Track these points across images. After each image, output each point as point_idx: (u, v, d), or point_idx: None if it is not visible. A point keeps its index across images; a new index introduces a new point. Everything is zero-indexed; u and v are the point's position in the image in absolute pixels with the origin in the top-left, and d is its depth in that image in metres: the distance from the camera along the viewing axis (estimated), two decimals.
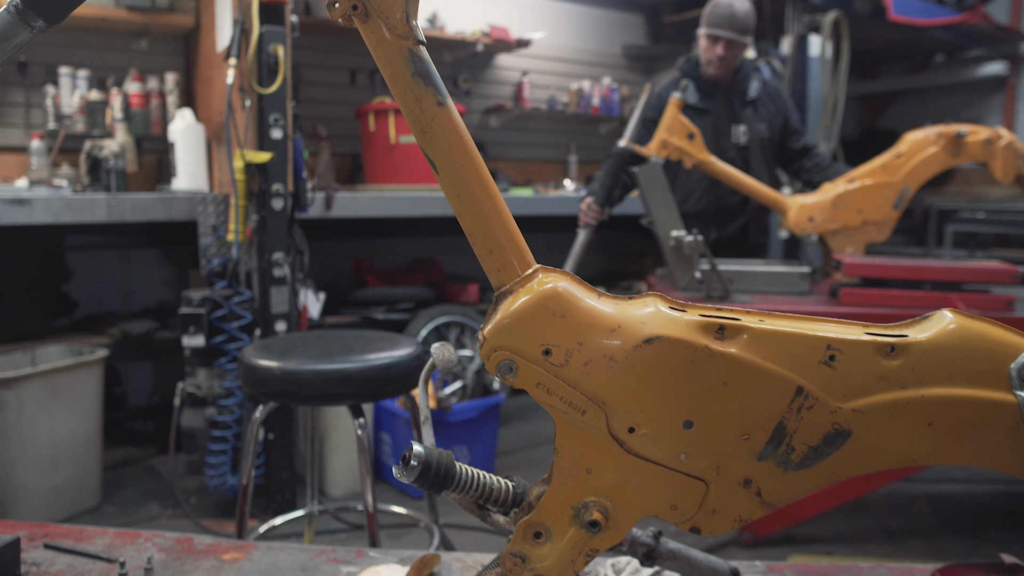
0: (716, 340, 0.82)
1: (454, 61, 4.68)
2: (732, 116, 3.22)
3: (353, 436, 2.98)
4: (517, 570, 0.90)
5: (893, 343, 0.81)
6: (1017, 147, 2.68)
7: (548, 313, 0.84)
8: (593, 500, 0.87)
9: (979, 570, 1.35)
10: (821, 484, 0.83)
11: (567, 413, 0.84)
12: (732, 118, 3.22)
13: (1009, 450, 0.80)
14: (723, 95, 3.22)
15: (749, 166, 3.19)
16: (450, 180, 0.87)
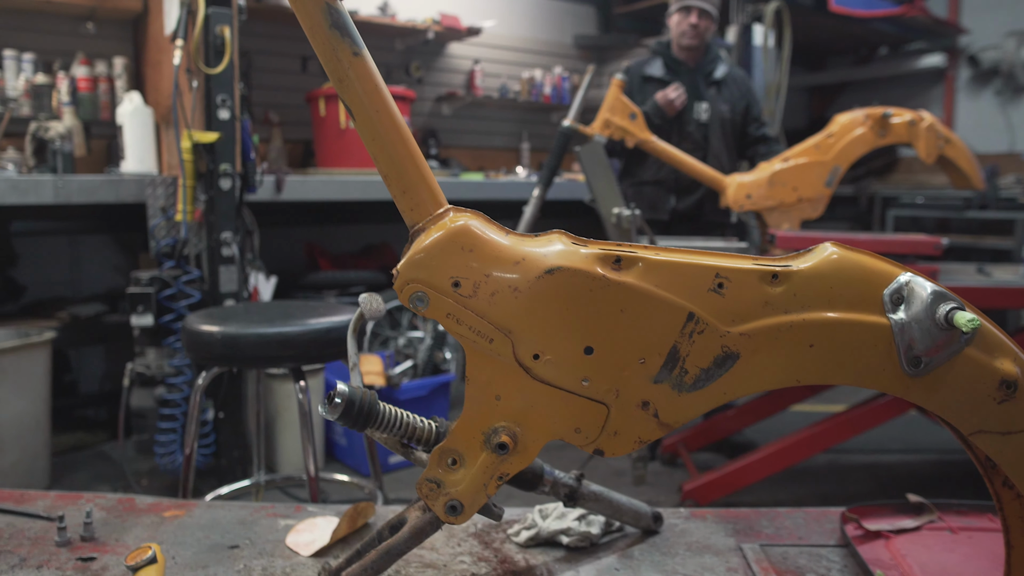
0: (613, 270, 0.88)
1: (406, 49, 4.71)
2: (696, 93, 3.37)
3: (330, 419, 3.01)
4: (433, 495, 0.95)
5: (776, 271, 0.87)
6: (938, 128, 2.80)
7: (457, 248, 0.90)
8: (502, 425, 0.92)
9: (886, 508, 1.43)
10: (713, 404, 0.90)
11: (476, 342, 0.90)
12: (696, 95, 3.37)
13: (883, 369, 0.87)
14: (689, 73, 3.38)
15: (708, 142, 3.36)
16: (366, 125, 0.92)
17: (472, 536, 1.35)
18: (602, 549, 1.30)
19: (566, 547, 1.30)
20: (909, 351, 0.86)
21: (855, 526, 1.36)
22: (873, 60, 7.12)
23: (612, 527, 1.36)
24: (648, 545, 1.31)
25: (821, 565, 1.24)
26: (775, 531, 1.37)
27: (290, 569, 1.21)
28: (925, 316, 0.84)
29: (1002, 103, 6.37)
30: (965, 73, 6.57)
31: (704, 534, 1.36)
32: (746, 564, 1.24)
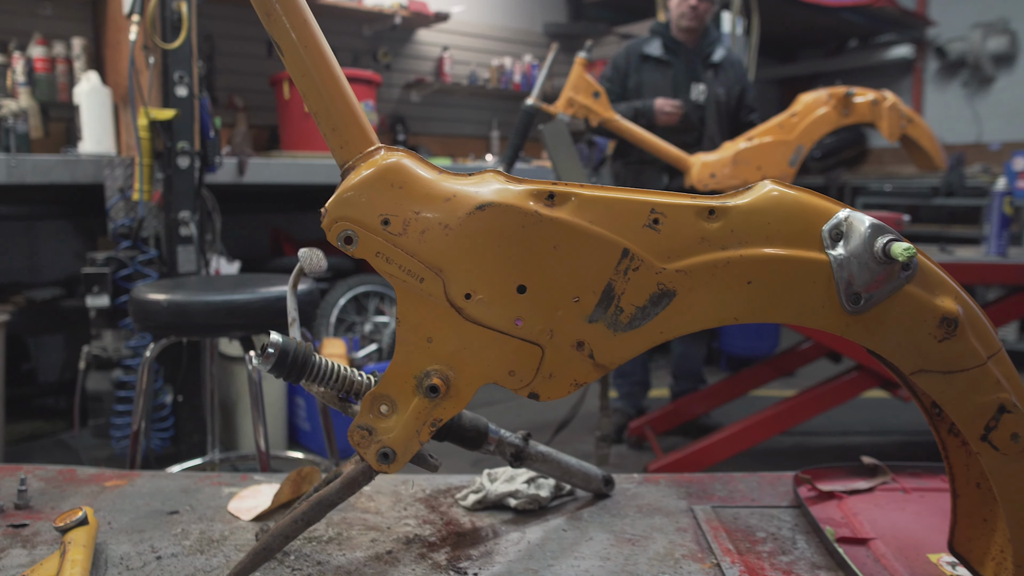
0: (546, 206, 0.85)
1: (373, 35, 4.67)
2: (693, 74, 3.37)
3: (270, 400, 2.96)
4: (365, 443, 0.92)
5: (713, 207, 0.85)
6: (901, 108, 2.80)
7: (387, 185, 0.87)
8: (434, 368, 0.89)
9: (840, 471, 1.42)
10: (650, 344, 0.87)
11: (406, 281, 0.87)
12: (693, 76, 3.37)
13: (822, 307, 0.85)
14: (687, 54, 3.38)
15: (704, 124, 3.35)
16: (294, 61, 0.90)
17: (420, 501, 1.32)
18: (551, 512, 1.27)
19: (514, 510, 1.27)
20: (849, 287, 0.84)
21: (808, 487, 1.35)
22: (843, 52, 7.16)
23: (563, 491, 1.33)
24: (598, 508, 1.29)
25: (772, 524, 1.22)
26: (728, 494, 1.35)
27: (228, 532, 1.18)
28: (863, 250, 0.82)
29: (969, 94, 6.43)
30: (933, 65, 6.63)
31: (656, 497, 1.34)
32: (696, 524, 1.22)
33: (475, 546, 1.14)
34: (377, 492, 1.36)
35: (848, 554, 1.09)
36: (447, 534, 1.18)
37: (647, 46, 3.40)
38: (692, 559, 1.10)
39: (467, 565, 1.08)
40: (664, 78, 3.34)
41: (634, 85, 3.35)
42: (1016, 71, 6.18)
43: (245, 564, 0.94)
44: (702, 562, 1.09)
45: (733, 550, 1.12)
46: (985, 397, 0.87)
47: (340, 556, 1.11)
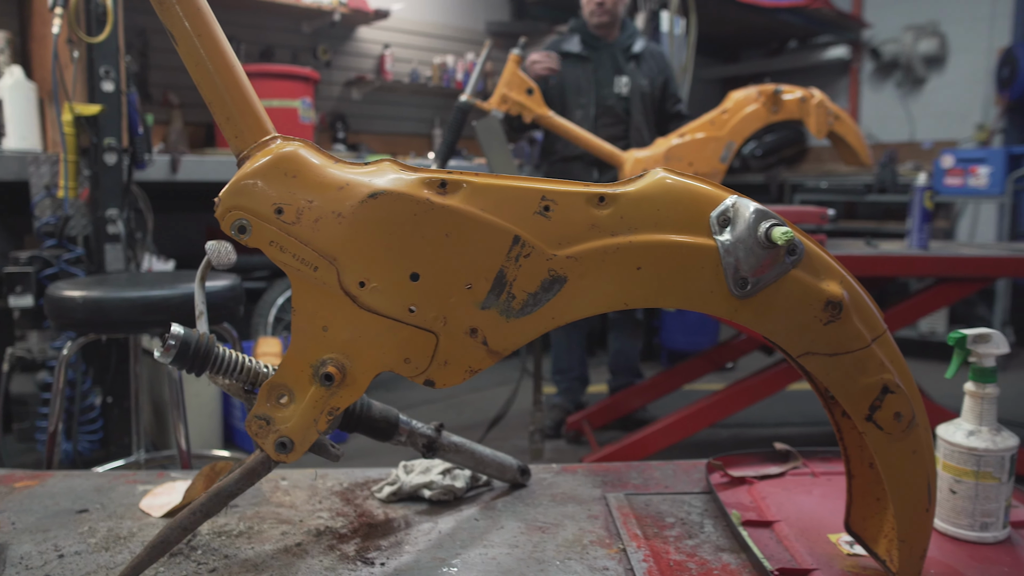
0: (438, 194, 0.86)
1: (313, 32, 4.63)
2: (616, 67, 3.40)
3: (203, 400, 2.92)
4: (263, 433, 0.92)
5: (603, 194, 0.86)
6: (828, 105, 2.87)
7: (280, 173, 0.86)
8: (330, 357, 0.89)
9: (753, 457, 1.45)
10: (542, 330, 0.88)
11: (300, 270, 0.87)
12: (616, 69, 3.40)
13: (710, 291, 0.87)
14: (607, 48, 3.40)
15: (630, 116, 3.38)
16: (187, 50, 0.89)
17: (336, 494, 1.31)
18: (466, 502, 1.28)
19: (429, 501, 1.27)
20: (736, 272, 0.86)
21: (721, 474, 1.37)
22: (783, 52, 7.30)
23: (479, 481, 1.34)
24: (513, 497, 1.30)
25: (682, 510, 1.24)
26: (643, 482, 1.37)
27: (137, 529, 1.16)
28: (748, 235, 0.84)
29: (902, 95, 6.60)
30: (868, 65, 6.79)
31: (571, 486, 1.35)
32: (608, 511, 1.23)
33: (386, 537, 1.14)
34: (294, 487, 1.35)
35: (752, 536, 1.12)
36: (359, 526, 1.18)
37: (566, 43, 3.42)
38: (600, 545, 1.12)
39: (375, 555, 1.08)
40: (585, 73, 3.36)
41: (556, 83, 3.36)
42: (946, 72, 6.36)
43: (142, 558, 0.93)
44: (609, 547, 1.11)
45: (640, 535, 1.13)
46: (869, 378, 0.89)
47: (248, 549, 1.10)
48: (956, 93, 6.32)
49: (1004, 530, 1.13)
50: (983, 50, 6.14)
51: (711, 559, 1.07)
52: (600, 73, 3.38)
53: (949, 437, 1.14)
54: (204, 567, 1.04)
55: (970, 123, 6.22)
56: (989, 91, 6.12)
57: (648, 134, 3.37)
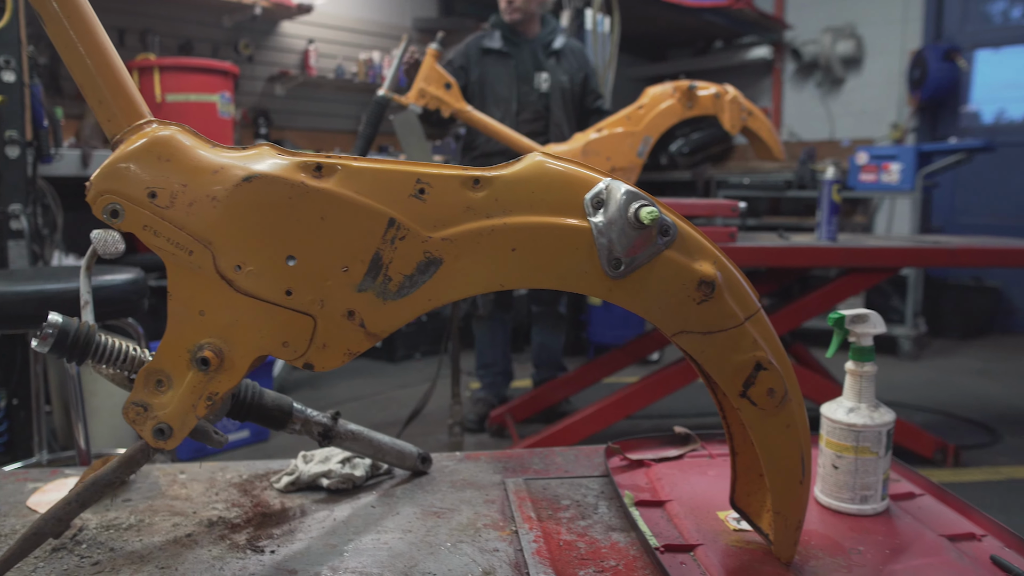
0: (313, 177, 0.86)
1: (234, 26, 4.56)
2: (535, 64, 3.41)
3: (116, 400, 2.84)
4: (140, 419, 0.90)
5: (478, 176, 0.87)
6: (741, 101, 2.94)
7: (153, 157, 0.85)
8: (207, 341, 0.88)
9: (653, 441, 1.48)
10: (419, 311, 0.89)
11: (175, 255, 0.86)
12: (535, 66, 3.40)
13: (584, 272, 0.88)
14: (528, 44, 3.41)
15: (550, 112, 3.39)
16: (57, 32, 0.87)
17: (234, 486, 1.30)
18: (364, 490, 1.28)
19: (327, 490, 1.27)
20: (610, 253, 0.87)
21: (620, 458, 1.39)
22: (709, 52, 7.43)
23: (379, 470, 1.34)
24: (413, 485, 1.30)
25: (579, 493, 1.26)
26: (544, 467, 1.39)
27: (21, 527, 1.13)
28: (619, 216, 0.86)
29: (822, 94, 6.79)
30: (790, 66, 6.97)
31: (472, 472, 1.36)
32: (505, 495, 1.25)
33: (279, 525, 1.14)
34: (192, 479, 1.33)
35: (644, 516, 1.14)
36: (253, 515, 1.17)
37: (487, 39, 3.43)
38: (493, 527, 1.13)
39: (266, 543, 1.07)
40: (506, 69, 3.37)
41: (476, 78, 3.37)
42: (863, 73, 6.57)
43: (14, 550, 0.91)
44: (502, 530, 1.12)
45: (534, 517, 1.15)
46: (743, 356, 0.92)
47: (136, 542, 1.08)
48: (872, 93, 6.53)
49: (883, 502, 1.17)
50: (896, 52, 6.36)
51: (601, 538, 1.09)
52: (520, 69, 3.39)
53: (831, 415, 1.19)
54: (87, 560, 1.02)
55: (885, 122, 6.44)
56: (902, 91, 6.34)
57: (568, 130, 3.39)
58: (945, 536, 1.09)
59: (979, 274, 5.95)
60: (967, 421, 3.62)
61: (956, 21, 6.21)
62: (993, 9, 6.27)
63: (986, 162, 5.79)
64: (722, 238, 2.57)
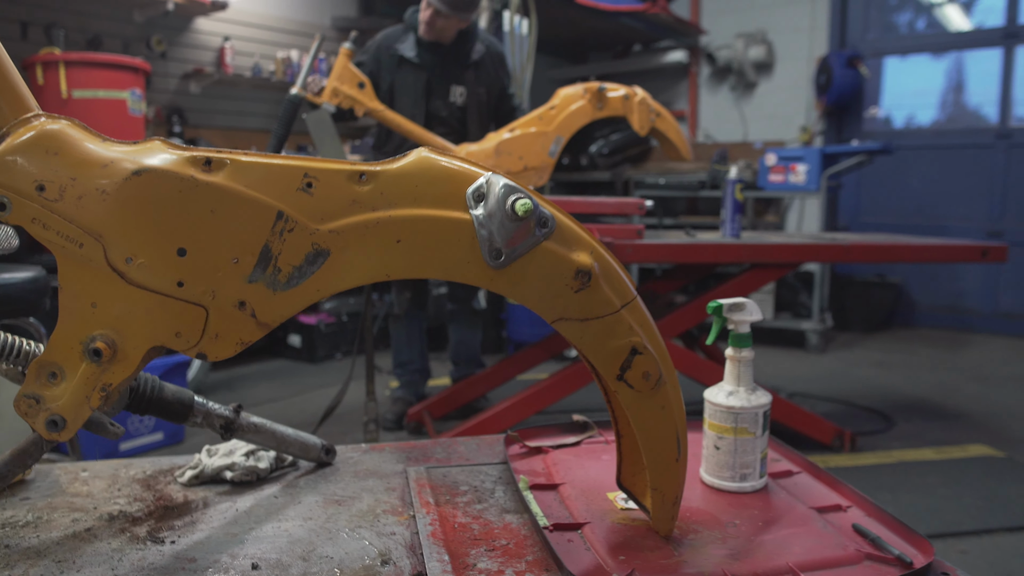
0: (203, 171, 0.88)
1: (145, 21, 4.47)
2: (451, 76, 3.29)
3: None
4: (32, 412, 0.91)
5: (363, 171, 0.91)
6: (650, 103, 3.03)
7: (42, 151, 0.87)
8: (100, 333, 0.90)
9: (552, 429, 1.53)
10: (309, 301, 0.92)
11: (65, 247, 0.87)
12: (452, 78, 3.29)
13: (467, 262, 0.93)
14: (443, 54, 3.27)
15: (465, 125, 3.34)
16: None
17: (137, 481, 1.30)
18: (269, 482, 1.30)
19: (231, 483, 1.29)
20: (490, 244, 0.92)
21: (520, 445, 1.44)
22: (628, 55, 7.59)
23: (284, 462, 1.36)
24: (317, 476, 1.33)
25: (477, 479, 1.31)
26: (446, 456, 1.43)
27: None
28: (498, 209, 0.91)
29: (736, 97, 7.01)
30: (706, 70, 7.18)
31: (376, 463, 1.40)
32: (406, 483, 1.29)
33: (181, 517, 1.15)
34: (95, 477, 1.33)
35: (537, 498, 1.19)
36: (155, 508, 1.19)
37: (402, 45, 3.28)
38: (392, 513, 1.17)
39: (167, 535, 1.09)
40: (419, 81, 3.24)
41: (387, 87, 3.25)
42: (774, 78, 6.81)
43: None
44: (400, 515, 1.16)
45: (432, 503, 1.19)
46: (619, 341, 0.98)
47: (33, 538, 1.08)
48: (783, 97, 6.77)
49: (761, 480, 1.25)
50: (804, 58, 6.61)
51: (495, 520, 1.14)
52: (433, 82, 3.28)
53: (712, 398, 1.26)
54: None
55: (795, 125, 6.68)
56: (811, 96, 6.60)
57: (482, 137, 3.37)
58: (814, 508, 1.17)
59: (882, 271, 6.24)
60: (865, 409, 3.81)
61: (859, 30, 6.50)
62: (897, 19, 6.59)
63: (889, 164, 6.08)
64: (630, 235, 2.65)
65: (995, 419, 3.69)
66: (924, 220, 6.26)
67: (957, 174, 6.16)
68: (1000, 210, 5.98)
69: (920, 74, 6.52)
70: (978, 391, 4.25)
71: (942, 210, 6.21)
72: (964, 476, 2.85)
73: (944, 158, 6.21)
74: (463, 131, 3.35)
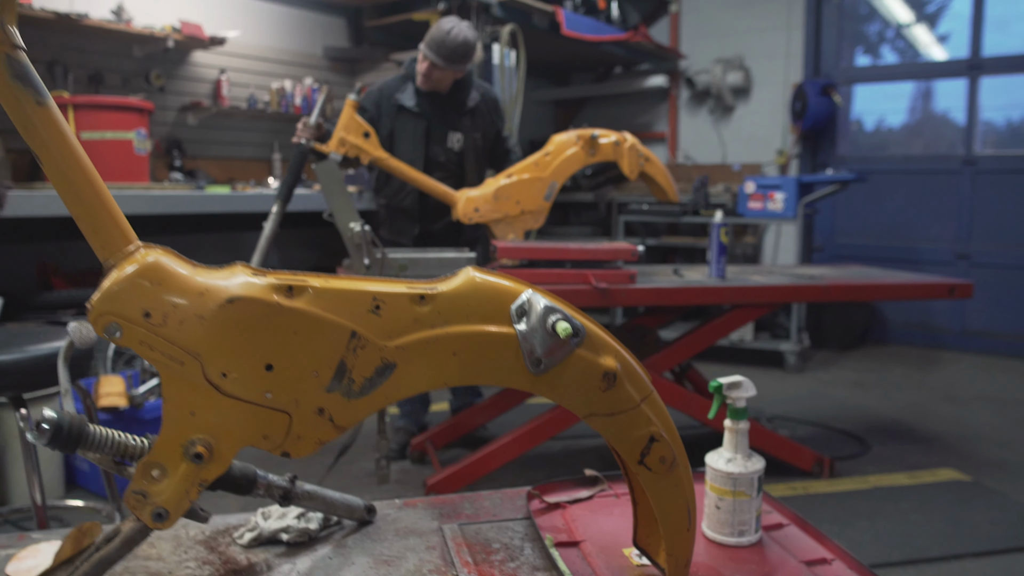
0: (286, 297, 1.03)
1: (145, 56, 4.58)
2: (449, 123, 3.44)
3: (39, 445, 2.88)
4: (140, 505, 1.05)
5: (423, 294, 1.06)
6: (639, 148, 3.20)
7: (147, 282, 1.00)
8: (198, 437, 1.04)
9: (567, 484, 1.69)
10: (379, 406, 1.07)
11: (168, 365, 1.01)
12: (449, 125, 3.44)
13: (512, 371, 1.08)
14: (441, 102, 3.43)
15: (463, 170, 3.48)
16: (53, 171, 1.01)
17: (200, 543, 1.44)
18: (320, 542, 1.44)
19: (286, 543, 1.43)
20: (532, 355, 1.07)
21: (539, 501, 1.60)
22: (609, 78, 7.78)
23: (330, 522, 1.50)
24: (362, 535, 1.47)
25: (506, 536, 1.46)
26: (474, 511, 1.58)
27: None
28: (539, 326, 1.06)
29: (715, 120, 7.21)
30: (685, 93, 7.37)
31: (412, 520, 1.54)
32: (444, 542, 1.43)
33: None
34: (158, 538, 1.46)
35: (562, 555, 1.35)
36: (225, 572, 1.32)
37: (401, 94, 3.41)
38: (437, 573, 1.31)
39: None
40: (418, 128, 3.39)
41: (387, 133, 3.39)
42: (751, 102, 7.02)
43: None
44: (444, 574, 1.31)
45: (471, 561, 1.34)
46: (639, 431, 1.13)
47: None
48: (760, 121, 6.98)
49: (756, 534, 1.41)
50: (780, 84, 6.83)
51: None
52: (432, 130, 3.42)
53: (713, 464, 1.42)
54: None
55: (772, 148, 6.90)
56: (787, 120, 6.82)
57: (479, 181, 3.51)
58: (804, 562, 1.33)
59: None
60: (843, 433, 4.01)
61: (832, 58, 6.74)
62: (869, 48, 6.86)
63: (862, 188, 6.31)
64: (623, 280, 2.82)
65: (964, 441, 3.90)
66: (896, 241, 6.51)
67: (927, 198, 6.42)
68: (967, 232, 6.23)
69: (890, 102, 6.78)
70: (948, 412, 4.47)
71: (913, 232, 6.46)
72: (934, 501, 3.05)
73: (914, 183, 6.47)
74: (461, 175, 3.49)
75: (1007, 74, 6.17)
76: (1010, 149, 6.20)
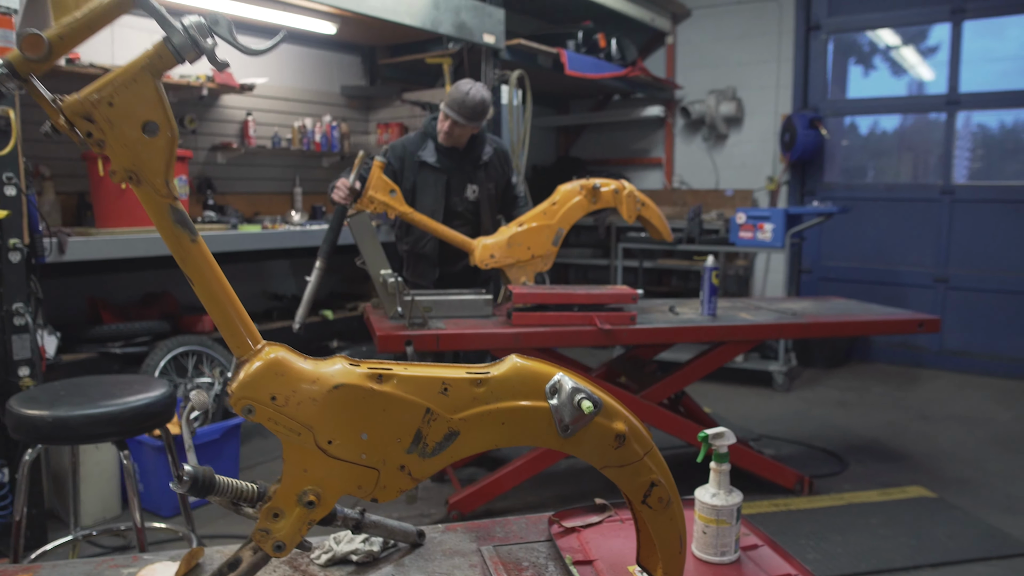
0: (377, 383, 1.37)
1: (179, 102, 4.91)
2: (466, 176, 3.79)
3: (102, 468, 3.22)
4: (264, 539, 1.39)
5: (480, 379, 1.40)
6: (636, 195, 3.56)
7: (272, 373, 1.34)
8: (310, 488, 1.38)
9: (581, 510, 2.03)
10: (446, 464, 1.41)
11: (288, 435, 1.35)
12: (466, 178, 3.79)
13: (546, 435, 1.42)
14: (458, 157, 3.77)
15: (479, 217, 3.82)
16: (203, 290, 1.35)
17: (284, 563, 1.77)
18: (382, 562, 1.77)
19: (355, 563, 1.76)
20: (561, 423, 1.41)
21: (558, 526, 1.93)
22: (607, 106, 8.13)
23: (389, 545, 1.84)
24: (415, 555, 1.80)
25: (533, 555, 1.79)
26: (505, 535, 1.91)
27: None
28: (568, 402, 1.40)
29: (708, 148, 7.57)
30: (680, 122, 7.72)
31: (455, 543, 1.87)
32: (483, 561, 1.77)
33: None
34: None
35: (580, 573, 1.68)
36: None
37: (423, 151, 3.73)
38: None
39: None
40: (439, 181, 3.72)
41: (410, 186, 3.71)
42: (743, 131, 7.38)
43: None
44: None
45: None
46: (643, 478, 1.47)
47: None
48: (751, 149, 7.34)
49: (736, 554, 1.75)
50: (771, 114, 7.19)
51: None
52: (451, 183, 3.77)
53: (701, 497, 1.76)
54: None
55: (763, 175, 7.26)
56: (776, 149, 7.17)
57: (491, 226, 3.85)
58: None
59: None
60: (823, 451, 4.36)
61: (820, 91, 7.10)
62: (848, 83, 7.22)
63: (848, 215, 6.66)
64: (625, 321, 3.17)
65: (933, 460, 4.26)
66: (879, 265, 6.87)
67: (908, 225, 6.78)
68: (945, 257, 6.60)
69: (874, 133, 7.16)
70: (921, 431, 4.83)
71: (895, 256, 6.82)
72: (902, 516, 3.40)
73: (896, 211, 6.83)
74: (477, 223, 3.85)
75: (981, 109, 6.55)
76: (985, 180, 6.57)
